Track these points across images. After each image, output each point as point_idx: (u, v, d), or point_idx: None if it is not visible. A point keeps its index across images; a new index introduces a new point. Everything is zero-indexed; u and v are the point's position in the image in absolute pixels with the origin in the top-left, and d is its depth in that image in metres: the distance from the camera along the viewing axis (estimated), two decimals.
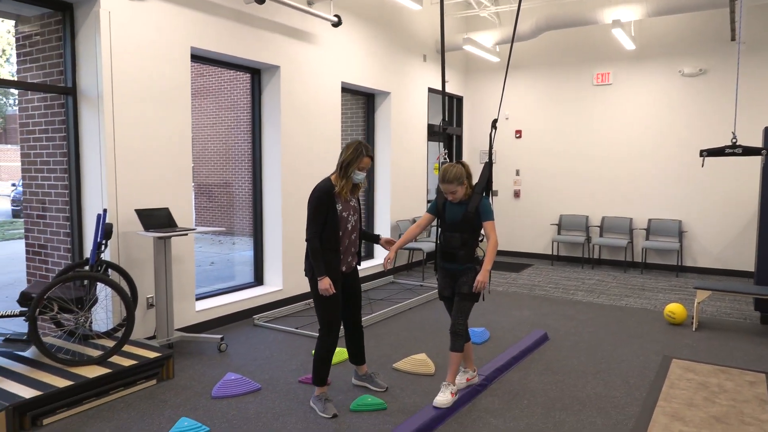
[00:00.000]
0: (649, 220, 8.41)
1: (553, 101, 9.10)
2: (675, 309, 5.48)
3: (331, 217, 3.40)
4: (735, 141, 5.36)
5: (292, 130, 6.01)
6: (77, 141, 4.45)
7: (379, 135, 7.83)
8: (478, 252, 3.54)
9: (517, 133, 9.43)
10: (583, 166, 8.92)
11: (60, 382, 3.44)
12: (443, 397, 3.49)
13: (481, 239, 3.55)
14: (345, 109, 7.85)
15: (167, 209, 4.57)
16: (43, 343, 3.59)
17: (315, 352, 3.50)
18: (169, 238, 4.42)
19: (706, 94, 7.98)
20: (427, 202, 8.83)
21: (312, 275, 3.42)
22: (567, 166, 9.06)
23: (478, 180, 3.58)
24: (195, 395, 3.75)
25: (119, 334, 4.29)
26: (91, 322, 4.30)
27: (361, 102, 7.84)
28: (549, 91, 9.12)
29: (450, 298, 3.65)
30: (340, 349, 4.58)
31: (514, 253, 9.65)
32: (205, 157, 13.52)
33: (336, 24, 6.27)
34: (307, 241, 3.39)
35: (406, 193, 8.19)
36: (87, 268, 4.05)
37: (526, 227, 9.50)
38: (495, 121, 4.02)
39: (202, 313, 5.18)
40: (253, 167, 6.06)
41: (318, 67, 6.33)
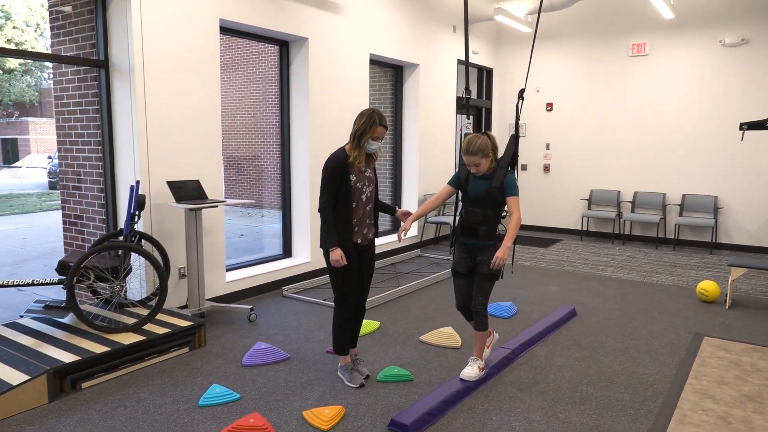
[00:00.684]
0: (683, 196, 8.21)
1: (586, 73, 8.87)
2: (708, 286, 5.38)
3: (344, 188, 3.32)
4: None
5: (321, 102, 5.99)
6: (110, 113, 4.52)
7: (407, 108, 7.77)
8: (500, 229, 3.44)
9: (548, 106, 9.25)
10: (615, 140, 8.72)
11: (97, 348, 3.56)
12: (470, 371, 3.50)
13: (504, 215, 3.45)
14: (373, 81, 7.79)
15: (198, 181, 4.64)
16: (80, 310, 3.72)
17: (333, 323, 3.51)
18: (200, 209, 4.49)
19: (747, 65, 7.67)
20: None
21: (325, 246, 3.36)
22: (599, 140, 8.86)
23: (503, 153, 3.44)
24: (226, 363, 3.85)
25: (153, 303, 4.41)
26: (125, 291, 4.42)
27: (389, 74, 7.76)
28: (582, 62, 8.88)
29: (463, 274, 3.51)
30: (367, 321, 4.63)
31: (542, 228, 9.55)
32: (234, 131, 13.62)
33: None
34: (319, 211, 3.34)
35: (434, 167, 8.13)
36: (121, 238, 4.15)
37: (556, 202, 9.38)
38: (522, 92, 3.85)
39: (232, 283, 5.28)
40: (282, 140, 6.09)
41: (346, 38, 6.28)
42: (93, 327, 3.75)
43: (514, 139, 3.49)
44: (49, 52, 4.73)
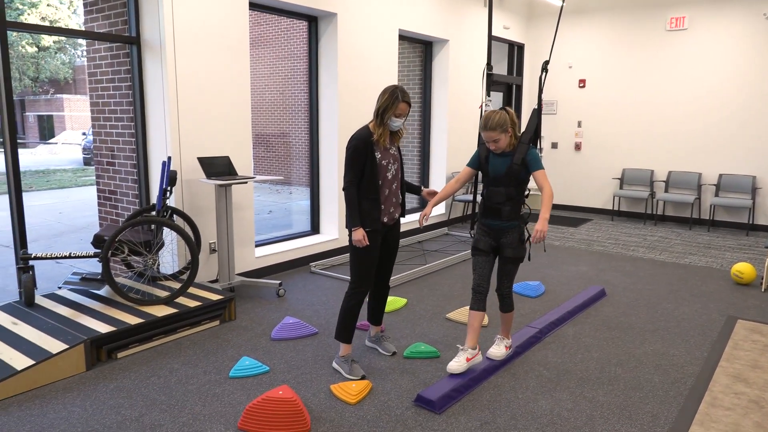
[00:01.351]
0: (720, 176, 7.97)
1: (621, 48, 8.61)
2: (743, 268, 5.25)
3: (369, 166, 3.23)
4: None
5: (349, 79, 5.96)
6: (142, 90, 4.57)
7: (436, 85, 7.67)
8: (524, 209, 3.32)
9: (581, 83, 9.03)
10: (649, 118, 8.49)
11: (131, 320, 3.66)
12: (497, 350, 3.47)
13: (527, 195, 3.33)
14: (402, 58, 7.70)
15: (228, 158, 4.68)
16: (115, 282, 3.82)
17: (342, 304, 3.37)
18: (230, 185, 4.54)
19: None
20: None
21: (348, 225, 3.28)
22: (632, 118, 8.64)
23: (525, 129, 3.29)
24: (255, 336, 3.92)
25: (184, 276, 4.50)
26: (158, 265, 4.52)
27: (419, 50, 7.66)
28: (617, 37, 8.63)
29: (485, 251, 3.32)
30: (394, 298, 4.65)
31: (572, 208, 9.42)
32: (263, 107, 13.68)
33: None
34: (344, 190, 3.26)
35: (463, 145, 8.05)
36: (154, 213, 4.23)
37: (586, 181, 9.22)
38: (546, 63, 3.71)
39: (261, 259, 5.36)
40: (310, 117, 6.09)
41: (376, 13, 6.20)
42: (127, 299, 3.86)
43: (536, 114, 3.32)
44: (83, 29, 4.79)
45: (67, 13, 25.80)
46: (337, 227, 6.12)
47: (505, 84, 9.15)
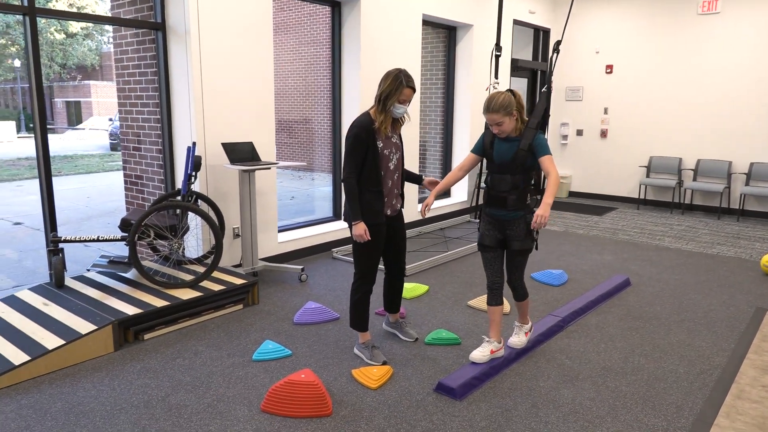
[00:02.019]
0: (751, 164, 7.78)
1: (650, 32, 8.41)
2: None
3: (371, 156, 3.09)
4: None
5: (372, 65, 5.93)
6: (167, 76, 4.61)
7: (460, 71, 7.60)
8: (530, 198, 3.14)
9: (608, 68, 8.86)
10: (679, 105, 8.30)
11: (157, 302, 3.73)
12: (518, 339, 3.44)
13: (533, 183, 3.15)
14: (425, 43, 7.63)
15: (251, 143, 4.71)
16: (142, 265, 3.89)
17: (350, 298, 3.35)
18: (253, 171, 4.57)
19: None
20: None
21: (349, 220, 3.15)
22: (661, 104, 8.45)
23: (533, 113, 3.07)
24: (278, 320, 3.97)
25: (209, 261, 4.56)
26: (183, 249, 4.59)
27: (442, 36, 7.58)
28: (646, 21, 8.42)
29: (492, 247, 3.20)
30: (416, 284, 4.66)
31: (597, 196, 9.29)
32: (286, 94, 13.71)
33: None
34: (343, 181, 3.11)
35: None
36: (179, 198, 4.28)
37: (612, 169, 9.07)
38: (558, 43, 3.50)
39: (284, 244, 5.40)
40: (333, 103, 6.08)
41: None
42: (154, 282, 3.93)
43: (545, 96, 3.10)
44: (109, 15, 4.84)
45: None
46: None
47: (529, 70, 9.02)
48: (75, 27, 27.88)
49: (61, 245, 4.00)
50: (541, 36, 9.15)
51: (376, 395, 2.99)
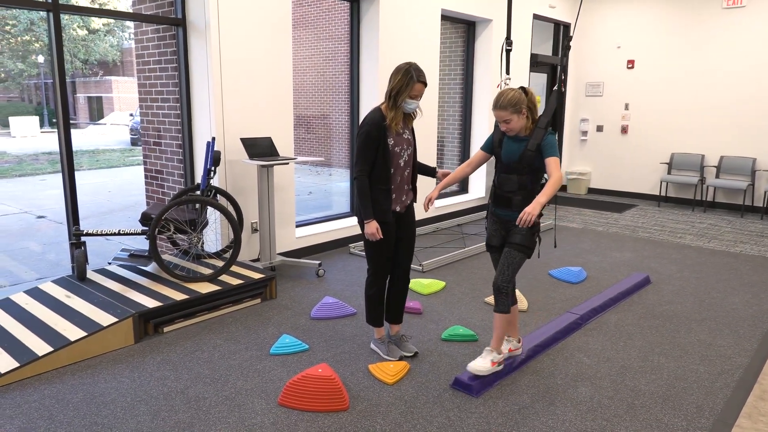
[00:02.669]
0: None
1: (673, 27, 8.27)
2: None
3: (381, 153, 3.02)
4: None
5: (390, 60, 5.92)
6: (187, 72, 4.65)
7: (479, 66, 7.55)
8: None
9: (629, 64, 8.74)
10: (701, 101, 8.15)
11: (177, 296, 3.77)
12: (481, 363, 3.02)
13: (542, 183, 2.99)
14: (443, 38, 7.59)
15: (270, 138, 4.73)
16: (162, 259, 3.94)
17: (365, 294, 3.31)
18: (272, 166, 4.59)
19: None
20: None
21: (360, 218, 3.10)
22: (683, 100, 8.32)
23: (543, 112, 2.99)
24: (295, 315, 3.99)
25: (227, 255, 4.60)
26: (202, 243, 4.63)
27: (461, 31, 7.54)
28: (669, 15, 8.28)
29: (498, 248, 3.13)
30: (433, 280, 4.65)
31: (616, 193, 9.18)
32: (304, 89, 13.75)
33: None
34: (354, 179, 3.07)
35: None
36: (198, 192, 4.32)
37: (633, 165, 8.95)
38: (569, 40, 3.39)
39: (302, 239, 5.43)
40: (351, 99, 6.09)
41: None
42: (173, 276, 3.97)
43: (557, 96, 2.97)
44: (131, 12, 4.89)
45: None
46: None
47: (549, 65, 8.93)
48: (97, 23, 28.24)
49: (83, 239, 4.07)
50: (561, 30, 9.05)
51: (392, 390, 3.00)
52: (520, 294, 4.30)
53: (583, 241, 6.25)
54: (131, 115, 23.54)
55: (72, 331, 3.29)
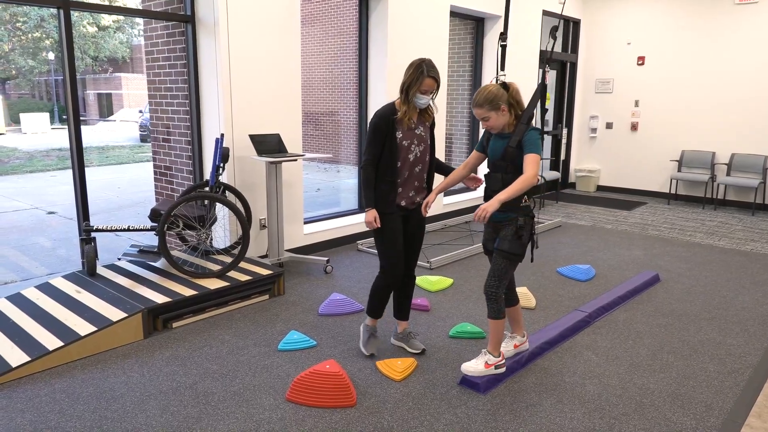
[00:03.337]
0: None
1: (685, 23, 8.19)
2: None
3: (389, 145, 3.03)
4: None
5: (399, 57, 5.91)
6: (196, 68, 4.66)
7: (488, 62, 7.51)
8: (526, 201, 2.90)
9: (639, 60, 8.67)
10: (713, 98, 8.08)
11: (186, 291, 3.79)
12: (474, 365, 2.99)
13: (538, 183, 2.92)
14: (452, 35, 7.57)
15: (278, 135, 4.74)
16: (171, 255, 3.96)
17: (373, 285, 3.29)
18: (280, 163, 4.60)
19: None
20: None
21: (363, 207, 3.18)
22: (694, 97, 8.25)
23: (526, 107, 2.89)
24: (303, 311, 4.00)
25: (236, 251, 4.62)
26: (211, 239, 4.65)
27: (470, 27, 7.51)
28: (681, 11, 8.21)
29: (492, 252, 3.02)
30: (440, 278, 4.65)
31: (626, 190, 9.13)
32: (312, 85, 13.75)
33: None
34: (361, 168, 3.12)
35: None
36: (207, 189, 4.34)
37: (642, 163, 8.89)
38: (555, 29, 3.25)
39: (310, 236, 5.44)
40: (359, 96, 6.08)
41: None
42: (182, 271, 3.99)
43: (540, 90, 2.85)
44: (140, 8, 4.91)
45: None
46: None
47: (558, 61, 8.88)
48: (107, 20, 28.37)
49: (93, 234, 4.09)
50: (571, 27, 8.99)
51: (400, 387, 3.00)
52: (528, 291, 4.29)
53: (592, 239, 6.22)
54: (140, 111, 23.65)
55: (82, 326, 3.32)
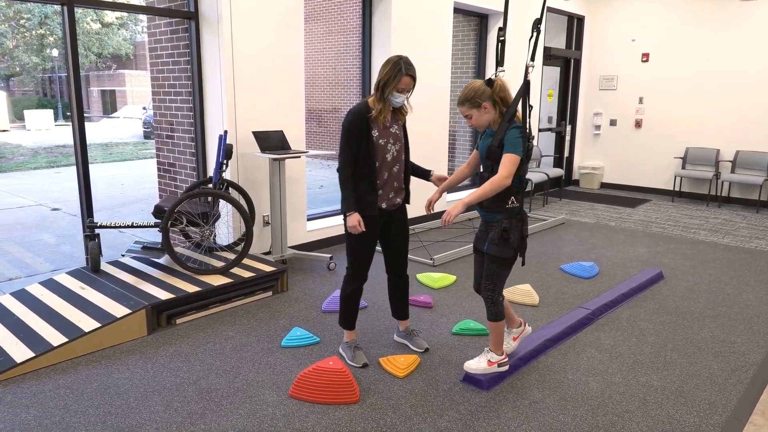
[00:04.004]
0: None
1: (689, 20, 8.15)
2: None
3: (365, 145, 2.94)
4: None
5: (402, 53, 5.87)
6: (200, 65, 4.66)
7: (491, 59, 7.50)
8: (512, 203, 2.79)
9: (644, 57, 8.64)
10: (718, 95, 8.04)
11: (189, 288, 3.80)
12: (476, 363, 3.01)
13: (517, 185, 2.77)
14: (456, 32, 7.55)
15: (281, 132, 4.74)
16: (175, 251, 3.97)
17: (340, 294, 3.23)
18: (283, 159, 4.60)
19: None
20: (539, 130, 8.46)
21: (343, 211, 3.02)
22: (699, 94, 8.21)
23: (510, 104, 2.79)
24: (306, 308, 4.01)
25: (239, 248, 4.62)
26: (214, 236, 4.66)
27: (473, 24, 7.49)
28: (686, 8, 8.16)
29: (478, 251, 3.00)
30: (444, 274, 4.65)
31: (629, 187, 9.10)
32: (316, 82, 13.74)
33: None
34: (338, 171, 3.00)
35: None
36: (210, 186, 4.34)
37: (646, 160, 8.86)
38: (538, 21, 3.08)
39: (313, 233, 5.44)
40: (362, 93, 6.07)
41: None
42: (186, 268, 4.00)
43: (523, 87, 2.75)
44: (143, 5, 4.91)
45: None
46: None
47: (562, 58, 8.85)
48: (110, 17, 28.40)
49: (97, 231, 4.10)
50: (575, 23, 8.95)
51: (403, 384, 3.00)
52: (531, 288, 4.29)
53: (596, 236, 6.21)
54: (144, 108, 23.68)
55: (86, 322, 3.33)
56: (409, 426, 2.63)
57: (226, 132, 4.34)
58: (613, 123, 9.13)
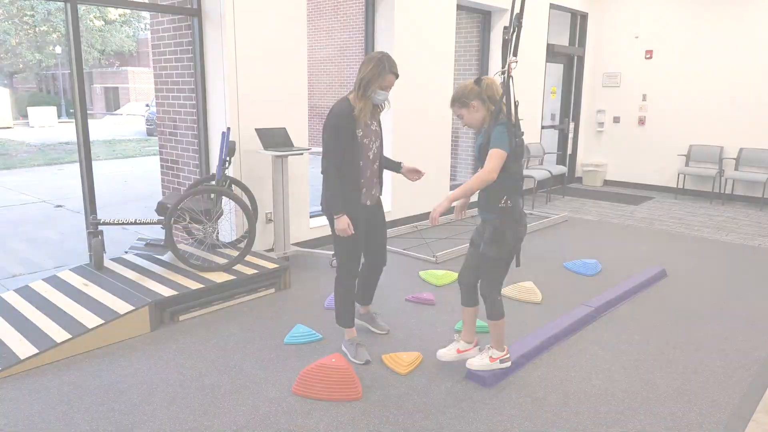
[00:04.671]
0: None
1: (693, 17, 8.12)
2: None
3: (350, 145, 2.93)
4: None
5: (406, 51, 5.88)
6: (203, 62, 4.66)
7: (494, 57, 7.48)
8: (505, 202, 2.75)
9: (647, 54, 8.60)
10: (721, 92, 8.01)
11: (192, 285, 3.81)
12: (478, 360, 2.99)
13: (511, 184, 2.75)
14: (458, 28, 7.53)
15: (284, 129, 4.74)
16: (178, 248, 3.98)
17: (335, 293, 3.25)
18: (286, 156, 4.60)
19: None
20: (542, 127, 8.44)
21: (330, 212, 3.01)
22: (703, 91, 8.18)
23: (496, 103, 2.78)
24: (309, 305, 4.01)
25: (242, 245, 4.63)
26: (217, 233, 4.66)
27: (476, 20, 7.47)
28: (689, 4, 8.12)
29: (474, 244, 3.00)
30: (446, 272, 4.64)
31: (633, 185, 9.08)
32: (318, 79, 13.73)
33: None
34: (322, 173, 2.96)
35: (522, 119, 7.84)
36: (213, 182, 4.35)
37: (650, 157, 8.84)
38: (519, 17, 3.03)
39: (315, 230, 5.44)
40: None
41: None
42: (189, 265, 4.01)
43: (506, 84, 2.76)
44: (146, 2, 4.91)
45: None
46: (389, 200, 6.13)
47: (566, 55, 8.82)
48: (113, 14, 28.41)
49: (100, 227, 4.12)
50: (578, 20, 8.92)
51: (405, 381, 3.01)
52: (534, 286, 4.29)
53: (599, 234, 6.20)
54: (147, 105, 23.69)
55: (89, 319, 3.34)
56: (412, 422, 2.64)
57: (229, 129, 4.34)
58: (616, 120, 9.11)
